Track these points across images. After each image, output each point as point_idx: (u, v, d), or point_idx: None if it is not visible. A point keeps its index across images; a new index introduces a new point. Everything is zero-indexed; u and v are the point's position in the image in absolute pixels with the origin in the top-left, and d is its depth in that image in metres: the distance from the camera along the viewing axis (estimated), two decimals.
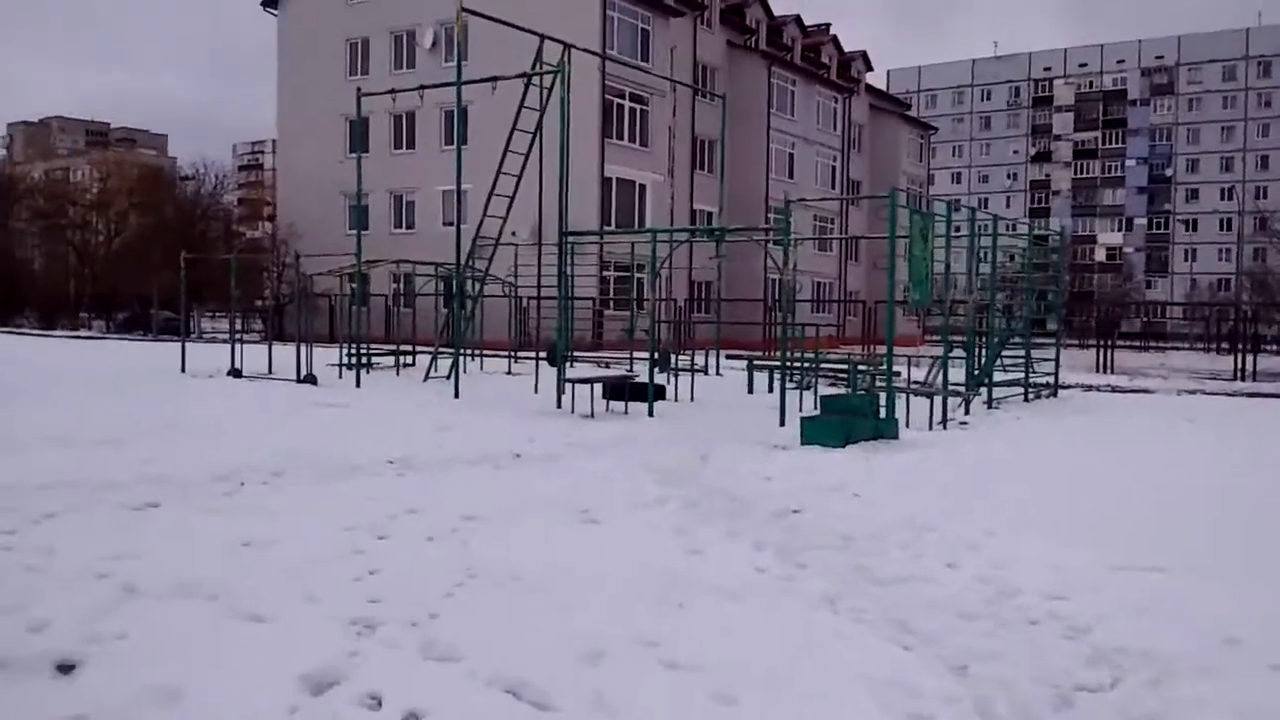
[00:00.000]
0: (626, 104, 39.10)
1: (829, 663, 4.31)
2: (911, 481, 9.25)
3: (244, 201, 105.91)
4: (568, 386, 15.65)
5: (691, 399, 17.95)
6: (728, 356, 25.97)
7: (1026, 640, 4.77)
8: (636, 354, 25.45)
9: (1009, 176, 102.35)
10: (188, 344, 22.76)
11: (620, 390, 15.90)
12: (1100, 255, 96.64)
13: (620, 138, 38.84)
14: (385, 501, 7.80)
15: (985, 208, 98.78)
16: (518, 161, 20.17)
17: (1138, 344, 58.85)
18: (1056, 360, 20.30)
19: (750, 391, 19.98)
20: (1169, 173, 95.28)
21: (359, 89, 20.35)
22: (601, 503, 7.87)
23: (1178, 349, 57.65)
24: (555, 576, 5.57)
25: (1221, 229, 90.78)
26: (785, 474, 9.59)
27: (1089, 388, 22.93)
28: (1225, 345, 55.65)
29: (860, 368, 19.13)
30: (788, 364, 21.37)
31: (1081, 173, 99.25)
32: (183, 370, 20.90)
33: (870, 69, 59.69)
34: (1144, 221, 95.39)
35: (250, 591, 5.11)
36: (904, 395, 14.82)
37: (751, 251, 45.29)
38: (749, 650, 4.43)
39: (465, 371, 21.85)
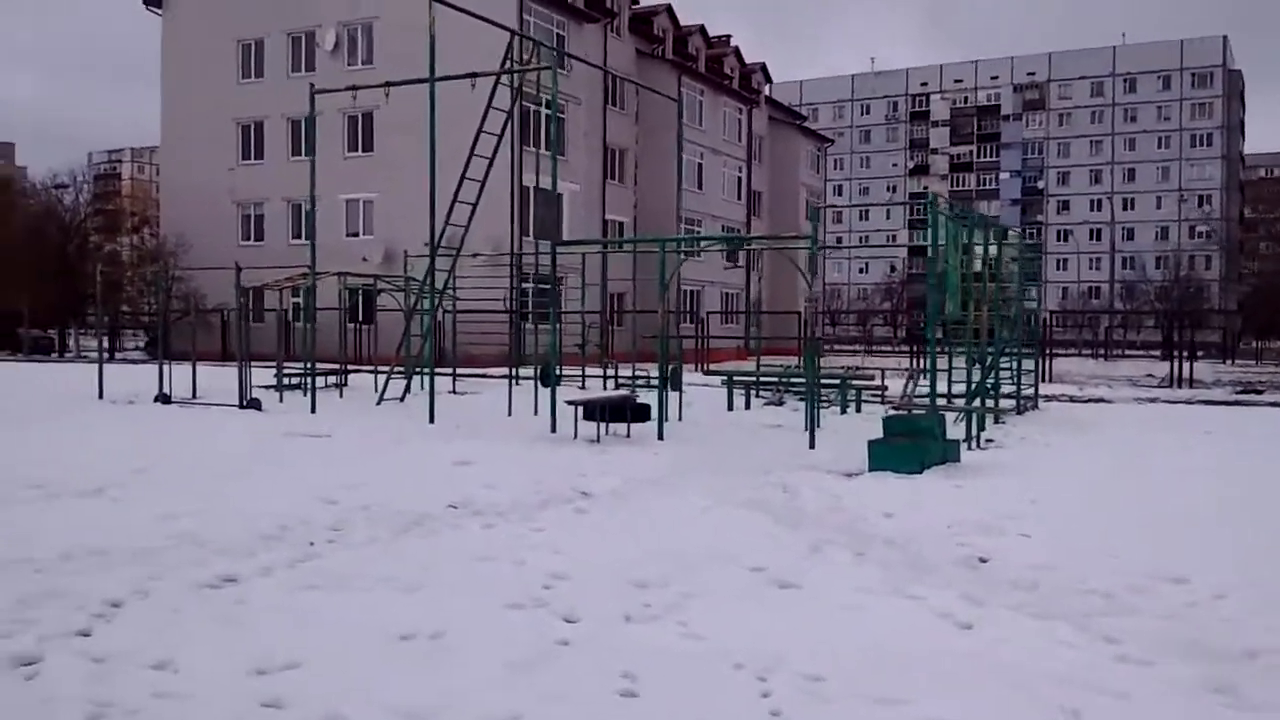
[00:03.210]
0: (543, 111, 37.70)
1: None
2: (1055, 514, 8.31)
3: (101, 213, 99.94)
4: (560, 407, 14.37)
5: (679, 418, 16.78)
6: (707, 372, 24.81)
7: None
8: (590, 370, 24.28)
9: (889, 189, 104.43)
10: (70, 365, 20.48)
11: (621, 412, 14.61)
12: (977, 265, 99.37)
13: (537, 145, 37.40)
14: (507, 564, 6.45)
15: (867, 219, 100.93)
16: (481, 166, 18.71)
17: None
18: (1036, 372, 19.90)
19: (730, 409, 18.95)
20: (1041, 185, 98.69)
21: (311, 85, 18.48)
22: (762, 556, 6.67)
23: (1063, 355, 59.21)
24: (866, 673, 4.37)
25: (1091, 239, 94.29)
26: (901, 509, 8.55)
27: (1049, 398, 22.68)
28: (1101, 351, 57.49)
29: (852, 383, 18.37)
30: (761, 378, 20.54)
31: (958, 185, 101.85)
32: (100, 396, 18.67)
33: (770, 81, 59.71)
34: (1018, 232, 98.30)
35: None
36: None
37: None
38: None
39: (411, 392, 20.29)
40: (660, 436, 14.02)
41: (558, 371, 16.01)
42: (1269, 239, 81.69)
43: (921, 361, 30.23)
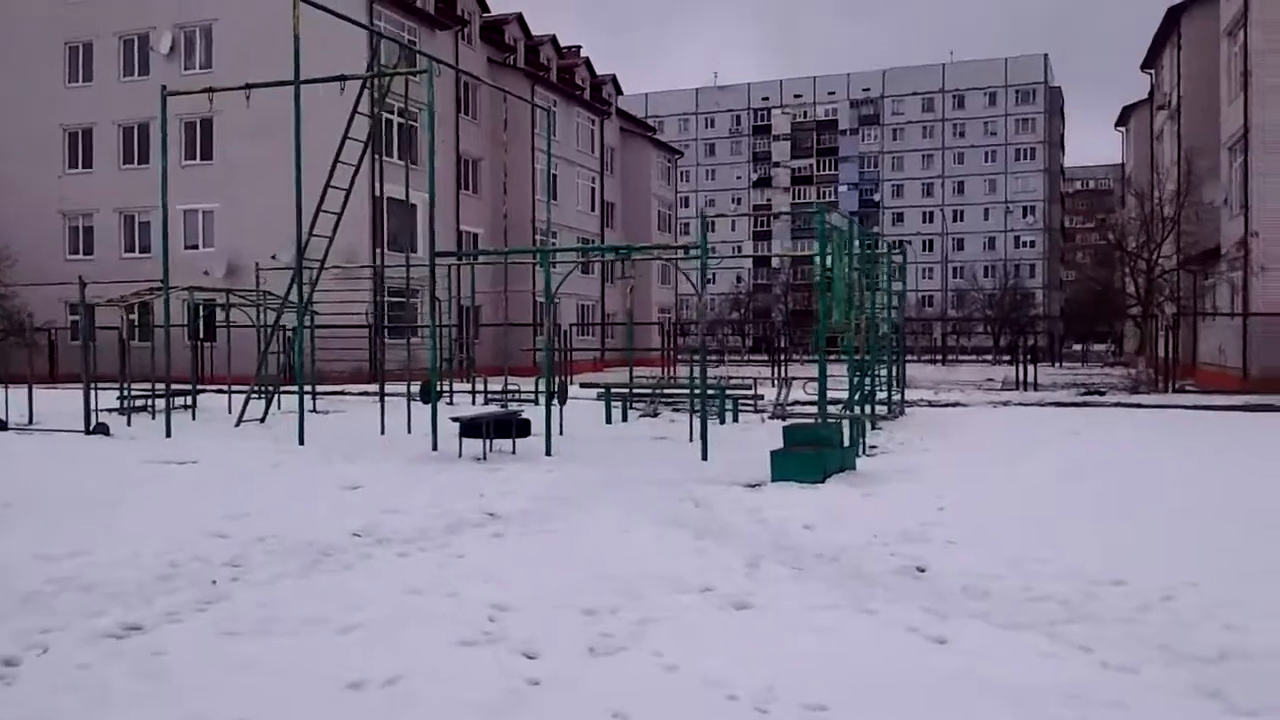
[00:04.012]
0: (395, 119, 36.76)
1: None
2: (968, 520, 8.38)
3: None
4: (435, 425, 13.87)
5: (561, 433, 16.43)
6: (582, 385, 24.44)
7: None
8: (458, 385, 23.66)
9: (734, 201, 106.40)
10: None
11: (506, 428, 14.17)
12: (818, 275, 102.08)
13: (390, 155, 36.44)
14: (440, 595, 6.04)
15: (713, 230, 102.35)
16: (343, 174, 17.95)
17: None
18: (901, 378, 20.38)
19: (609, 421, 18.74)
20: (877, 198, 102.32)
21: (163, 87, 17.33)
22: (704, 576, 6.46)
23: (907, 361, 61.38)
24: (865, 699, 4.19)
25: (924, 249, 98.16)
26: (820, 521, 8.48)
27: (910, 403, 23.27)
28: (939, 357, 59.85)
29: (728, 393, 18.40)
30: (636, 390, 20.39)
31: (799, 198, 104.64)
32: None
33: (620, 92, 59.90)
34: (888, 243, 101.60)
35: None
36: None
37: (522, 274, 43.98)
38: None
39: (271, 411, 19.32)
40: (549, 452, 13.66)
41: (439, 387, 15.46)
42: (1085, 248, 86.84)
43: (783, 370, 30.76)
